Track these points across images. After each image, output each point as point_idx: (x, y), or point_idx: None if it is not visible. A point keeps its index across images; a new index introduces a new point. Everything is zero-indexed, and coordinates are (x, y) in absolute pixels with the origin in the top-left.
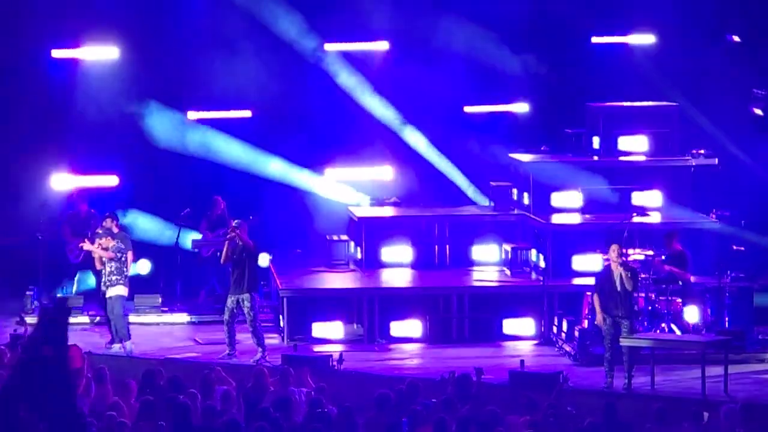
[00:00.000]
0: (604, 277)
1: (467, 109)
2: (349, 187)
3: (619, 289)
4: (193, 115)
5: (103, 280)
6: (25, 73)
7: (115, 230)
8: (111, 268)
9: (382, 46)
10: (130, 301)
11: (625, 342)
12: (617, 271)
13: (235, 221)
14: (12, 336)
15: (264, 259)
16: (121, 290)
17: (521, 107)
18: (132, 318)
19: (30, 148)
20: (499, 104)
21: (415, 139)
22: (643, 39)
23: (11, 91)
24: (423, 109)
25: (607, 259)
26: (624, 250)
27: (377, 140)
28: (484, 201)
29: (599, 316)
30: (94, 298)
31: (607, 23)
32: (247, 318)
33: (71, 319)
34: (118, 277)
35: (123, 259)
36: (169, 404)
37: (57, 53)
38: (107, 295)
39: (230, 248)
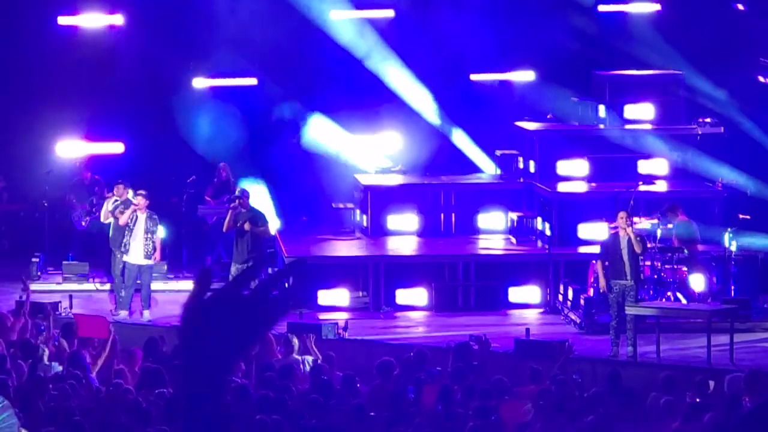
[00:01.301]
0: (610, 244)
1: (473, 77)
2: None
3: (626, 256)
4: (199, 82)
5: (131, 248)
6: (31, 40)
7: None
8: (148, 239)
9: (387, 14)
10: None
11: (630, 310)
12: (625, 237)
13: (238, 190)
14: (17, 302)
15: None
16: (152, 262)
17: (527, 75)
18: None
19: (35, 115)
20: (505, 72)
21: (422, 107)
22: (648, 7)
23: (17, 59)
24: (429, 78)
25: (615, 227)
26: (631, 219)
27: (384, 108)
28: (491, 168)
29: (603, 283)
30: (99, 265)
31: None
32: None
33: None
34: (152, 251)
35: (156, 233)
36: (173, 371)
37: (63, 20)
38: (139, 263)
39: (233, 217)
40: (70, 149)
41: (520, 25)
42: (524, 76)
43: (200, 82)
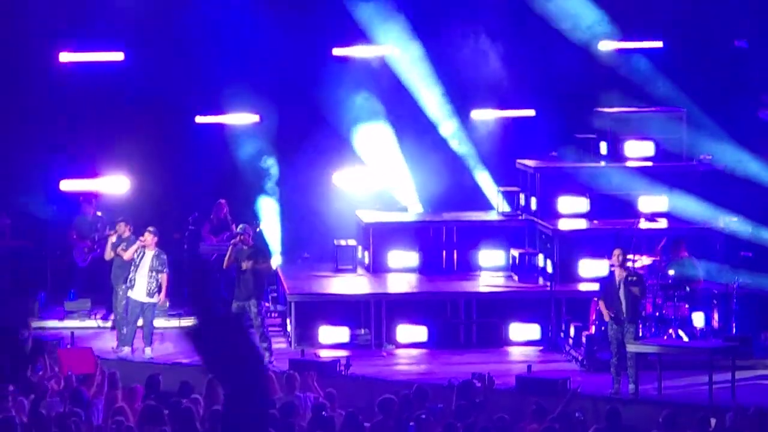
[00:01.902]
0: (608, 282)
1: (474, 114)
2: (358, 192)
3: (622, 295)
4: (199, 119)
5: (137, 286)
6: (33, 77)
7: (151, 240)
8: (153, 278)
9: (385, 50)
10: None
11: (631, 348)
12: (620, 276)
13: (240, 226)
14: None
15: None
16: (155, 300)
17: (529, 113)
18: (139, 322)
19: (38, 153)
20: (507, 109)
21: (421, 144)
22: (650, 45)
23: (19, 96)
24: (430, 115)
25: (612, 264)
26: (631, 256)
27: (383, 145)
28: (494, 205)
29: (606, 314)
30: (100, 302)
31: (617, 29)
32: (254, 323)
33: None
34: (155, 289)
35: (162, 273)
36: (172, 409)
37: (64, 57)
38: (144, 301)
39: (233, 253)
40: (73, 186)
41: (522, 62)
42: (526, 113)
43: (201, 119)
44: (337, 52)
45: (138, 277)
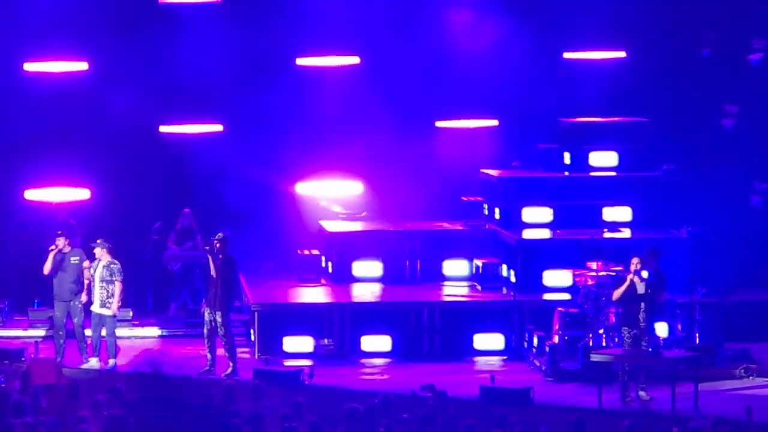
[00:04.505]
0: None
1: (439, 124)
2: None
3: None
4: (164, 128)
5: (96, 298)
6: None
7: (100, 252)
8: (103, 288)
9: (353, 60)
10: None
11: (595, 357)
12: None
13: (219, 235)
14: None
15: None
16: (108, 311)
17: (492, 122)
18: (102, 332)
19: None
20: (470, 119)
21: (387, 153)
22: (614, 54)
23: None
24: (394, 123)
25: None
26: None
27: (347, 154)
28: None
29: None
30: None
31: (579, 39)
32: (219, 332)
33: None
34: (111, 299)
35: (115, 282)
36: (137, 419)
37: (29, 66)
38: (101, 313)
39: (215, 261)
40: (37, 196)
41: (485, 71)
42: (489, 122)
43: (165, 129)
44: (300, 61)
45: (93, 289)
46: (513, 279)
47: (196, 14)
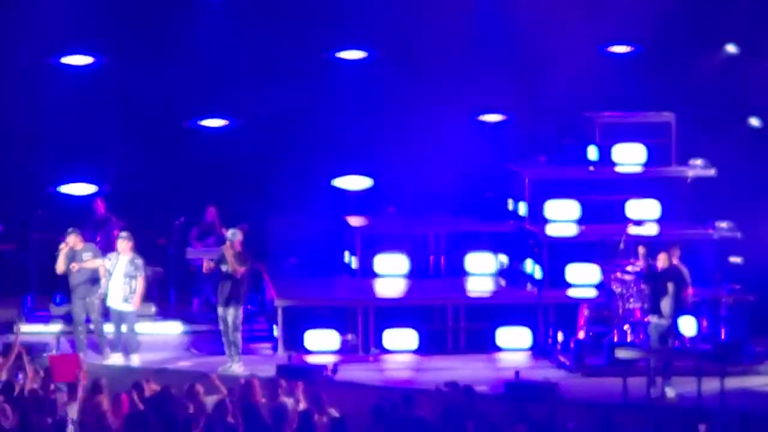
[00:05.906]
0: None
1: (467, 118)
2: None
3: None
4: (201, 122)
5: (113, 293)
6: (20, 79)
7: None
8: (126, 284)
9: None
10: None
11: (620, 354)
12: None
13: (231, 231)
14: (4, 344)
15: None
16: (131, 307)
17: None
18: (123, 328)
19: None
20: (497, 113)
21: (412, 147)
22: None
23: (5, 99)
24: (422, 118)
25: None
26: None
27: (373, 149)
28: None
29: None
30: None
31: (607, 33)
32: (229, 329)
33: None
34: (133, 294)
35: (138, 278)
36: (158, 415)
37: (54, 61)
38: (124, 310)
39: (227, 257)
40: (67, 190)
41: (512, 64)
42: (514, 117)
43: (188, 123)
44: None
45: (112, 284)
46: (538, 275)
47: (219, 9)
